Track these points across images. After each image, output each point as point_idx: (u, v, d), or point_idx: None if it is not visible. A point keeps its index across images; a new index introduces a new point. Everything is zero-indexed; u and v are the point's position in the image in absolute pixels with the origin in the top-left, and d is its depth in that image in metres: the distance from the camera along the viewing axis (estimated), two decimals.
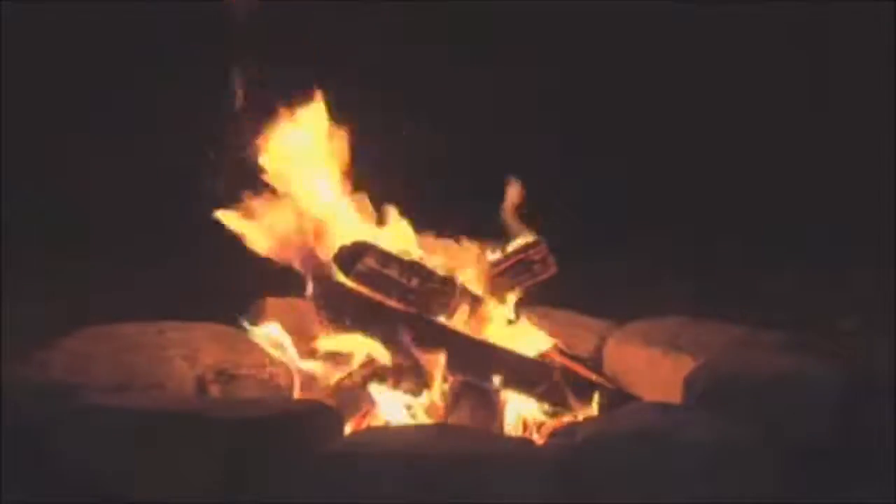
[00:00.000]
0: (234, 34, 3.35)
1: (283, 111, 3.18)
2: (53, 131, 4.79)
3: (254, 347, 3.19)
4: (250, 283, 3.32)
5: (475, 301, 3.10)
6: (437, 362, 2.93)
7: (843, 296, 4.16)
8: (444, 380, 2.95)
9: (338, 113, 3.22)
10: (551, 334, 3.23)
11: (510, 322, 3.18)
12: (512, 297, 3.22)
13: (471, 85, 4.70)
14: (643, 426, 2.53)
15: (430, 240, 3.25)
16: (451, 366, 2.94)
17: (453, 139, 4.53)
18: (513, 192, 3.30)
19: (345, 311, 3.02)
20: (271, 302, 3.40)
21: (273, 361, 3.15)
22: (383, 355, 3.01)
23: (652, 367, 3.13)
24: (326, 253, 3.10)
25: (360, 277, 3.03)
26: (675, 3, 4.92)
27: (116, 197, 4.68)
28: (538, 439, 2.77)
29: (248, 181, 3.15)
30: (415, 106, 4.01)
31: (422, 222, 3.26)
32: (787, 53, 4.97)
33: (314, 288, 3.08)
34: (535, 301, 3.34)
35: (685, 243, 4.63)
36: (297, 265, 3.13)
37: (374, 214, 3.24)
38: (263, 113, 3.16)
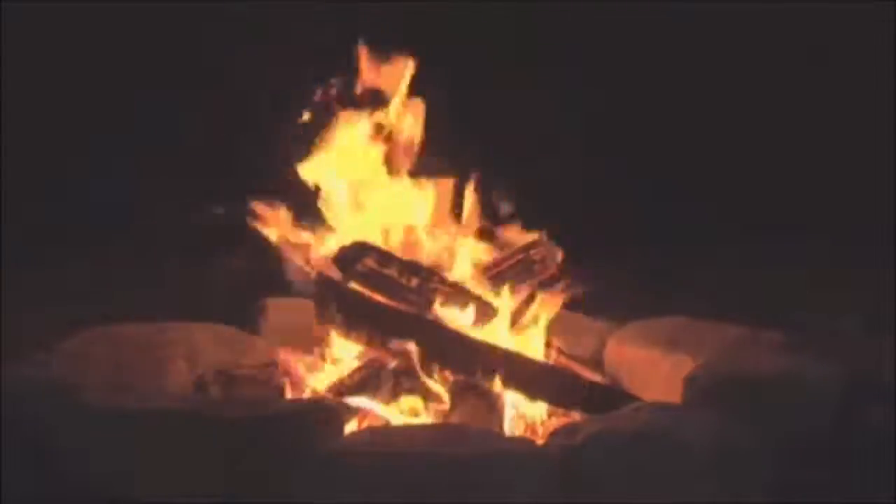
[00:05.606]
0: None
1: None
2: (53, 131, 4.80)
3: (254, 347, 3.19)
4: (250, 283, 3.32)
5: (480, 301, 3.10)
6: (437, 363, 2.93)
7: (843, 296, 4.16)
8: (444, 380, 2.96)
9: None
10: (552, 335, 3.23)
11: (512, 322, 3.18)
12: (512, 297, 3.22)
13: None
14: (643, 426, 2.53)
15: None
16: (456, 368, 2.95)
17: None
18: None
19: (347, 312, 3.03)
20: (271, 302, 3.41)
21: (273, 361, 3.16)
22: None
23: (652, 367, 3.13)
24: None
25: (360, 277, 3.02)
26: (673, 3, 4.92)
27: (116, 197, 4.69)
28: (538, 439, 2.77)
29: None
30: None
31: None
32: (787, 53, 4.97)
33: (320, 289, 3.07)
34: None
35: (686, 243, 4.62)
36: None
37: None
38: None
